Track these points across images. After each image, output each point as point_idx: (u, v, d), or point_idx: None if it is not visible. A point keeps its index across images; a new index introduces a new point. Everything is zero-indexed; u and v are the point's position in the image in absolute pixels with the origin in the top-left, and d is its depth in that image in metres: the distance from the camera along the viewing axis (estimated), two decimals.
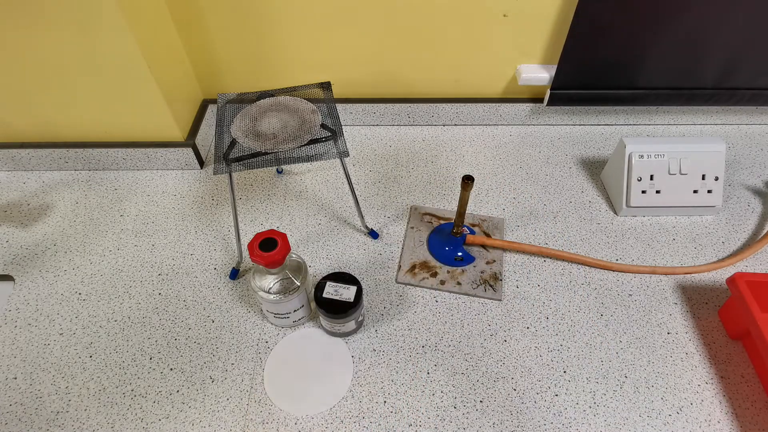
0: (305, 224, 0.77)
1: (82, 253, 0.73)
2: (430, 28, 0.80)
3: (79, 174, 0.85)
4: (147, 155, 0.83)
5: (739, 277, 0.60)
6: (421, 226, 0.76)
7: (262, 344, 0.63)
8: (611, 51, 0.78)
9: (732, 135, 0.92)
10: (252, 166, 0.60)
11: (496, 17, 0.78)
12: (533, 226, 0.77)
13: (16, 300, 0.68)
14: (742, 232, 0.76)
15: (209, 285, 0.69)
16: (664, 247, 0.74)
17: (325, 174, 0.84)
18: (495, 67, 0.86)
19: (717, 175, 0.75)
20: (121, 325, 0.65)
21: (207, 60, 0.84)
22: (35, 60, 0.70)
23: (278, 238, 0.55)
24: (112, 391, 0.59)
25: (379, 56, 0.84)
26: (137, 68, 0.71)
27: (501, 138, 0.92)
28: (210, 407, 0.58)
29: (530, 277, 0.70)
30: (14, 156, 0.83)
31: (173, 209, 0.79)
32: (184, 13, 0.77)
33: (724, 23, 0.74)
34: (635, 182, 0.75)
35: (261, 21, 0.78)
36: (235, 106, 0.65)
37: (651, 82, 0.83)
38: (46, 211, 0.79)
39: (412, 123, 0.94)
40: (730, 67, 0.81)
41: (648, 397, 0.59)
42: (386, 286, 0.69)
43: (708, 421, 0.57)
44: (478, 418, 0.57)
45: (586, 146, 0.90)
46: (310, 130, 0.62)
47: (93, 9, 0.64)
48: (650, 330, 0.65)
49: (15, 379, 0.60)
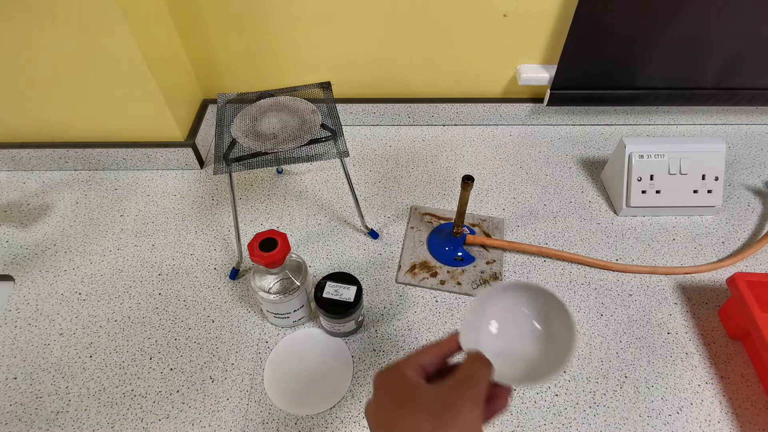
0: (305, 224, 0.77)
1: (82, 253, 0.73)
2: (430, 28, 0.80)
3: (79, 174, 0.85)
4: (147, 155, 0.83)
5: (739, 277, 0.60)
6: (421, 226, 0.76)
7: (262, 344, 0.63)
8: (611, 51, 0.78)
9: (732, 135, 0.92)
10: (252, 166, 0.60)
11: (496, 17, 0.78)
12: (533, 226, 0.77)
13: (16, 300, 0.68)
14: (742, 232, 0.76)
15: (209, 285, 0.69)
16: (664, 247, 0.74)
17: (325, 174, 0.84)
18: (495, 67, 0.86)
19: (717, 175, 0.75)
20: (121, 325, 0.65)
21: (207, 60, 0.84)
22: (35, 60, 0.70)
23: (278, 238, 0.55)
24: (112, 391, 0.59)
25: (379, 56, 0.84)
26: (137, 68, 0.71)
27: (501, 138, 0.92)
28: (210, 407, 0.58)
29: (530, 277, 0.70)
30: (14, 156, 0.83)
31: (173, 209, 0.79)
32: (184, 13, 0.77)
33: (725, 23, 0.74)
34: (635, 182, 0.75)
35: (261, 21, 0.78)
36: (235, 106, 0.65)
37: (651, 82, 0.83)
38: (46, 211, 0.79)
39: (412, 123, 0.94)
40: (730, 67, 0.81)
41: (648, 397, 0.59)
42: (386, 286, 0.69)
43: (708, 421, 0.57)
44: None
45: (586, 146, 0.90)
46: (310, 130, 0.62)
47: (93, 9, 0.64)
48: (650, 330, 0.65)
49: (15, 379, 0.60)
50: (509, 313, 0.40)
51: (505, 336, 0.39)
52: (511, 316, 0.40)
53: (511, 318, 0.40)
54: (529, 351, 0.38)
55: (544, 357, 0.38)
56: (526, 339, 0.39)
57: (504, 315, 0.40)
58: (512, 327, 0.40)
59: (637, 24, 0.74)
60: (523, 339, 0.39)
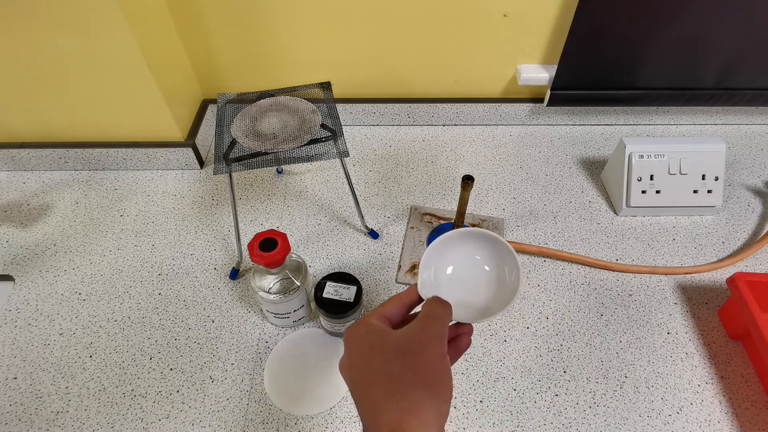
0: (305, 224, 0.77)
1: (82, 253, 0.73)
2: (430, 28, 0.80)
3: (79, 174, 0.85)
4: (147, 155, 0.83)
5: (739, 277, 0.60)
6: (421, 226, 0.76)
7: (262, 344, 0.63)
8: (611, 51, 0.78)
9: (732, 135, 0.92)
10: (252, 166, 0.60)
11: (496, 17, 0.78)
12: (533, 226, 0.77)
13: (16, 300, 0.68)
14: (742, 232, 0.76)
15: (209, 285, 0.69)
16: (664, 247, 0.74)
17: (325, 174, 0.84)
18: (495, 67, 0.86)
19: (717, 175, 0.75)
20: (121, 325, 0.65)
21: (207, 60, 0.84)
22: (35, 60, 0.70)
23: (278, 238, 0.55)
24: (112, 391, 0.59)
25: (379, 56, 0.84)
26: (137, 68, 0.71)
27: (501, 138, 0.92)
28: (210, 407, 0.58)
29: (530, 277, 0.70)
30: (14, 156, 0.83)
31: (173, 209, 0.79)
32: (184, 12, 0.77)
33: (725, 23, 0.74)
34: (635, 182, 0.75)
35: (261, 21, 0.78)
36: (235, 106, 0.65)
37: (651, 82, 0.83)
38: (46, 211, 0.79)
39: (412, 123, 0.94)
40: (730, 67, 0.81)
41: (648, 397, 0.59)
42: (386, 286, 0.69)
43: (708, 421, 0.57)
44: (478, 418, 0.57)
45: (586, 146, 0.90)
46: (310, 130, 0.62)
47: (93, 9, 0.64)
48: (650, 330, 0.65)
49: (15, 379, 0.60)
50: (463, 260, 0.43)
51: (460, 280, 0.42)
52: (464, 263, 0.43)
53: (465, 264, 0.43)
54: (483, 293, 0.41)
55: (495, 297, 0.41)
56: (479, 282, 0.42)
57: (458, 262, 0.43)
58: (466, 272, 0.42)
59: (637, 24, 0.74)
60: (476, 282, 0.42)
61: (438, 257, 0.42)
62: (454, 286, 0.42)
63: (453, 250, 0.42)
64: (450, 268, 0.43)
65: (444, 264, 0.42)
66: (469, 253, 0.42)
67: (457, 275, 0.42)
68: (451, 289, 0.41)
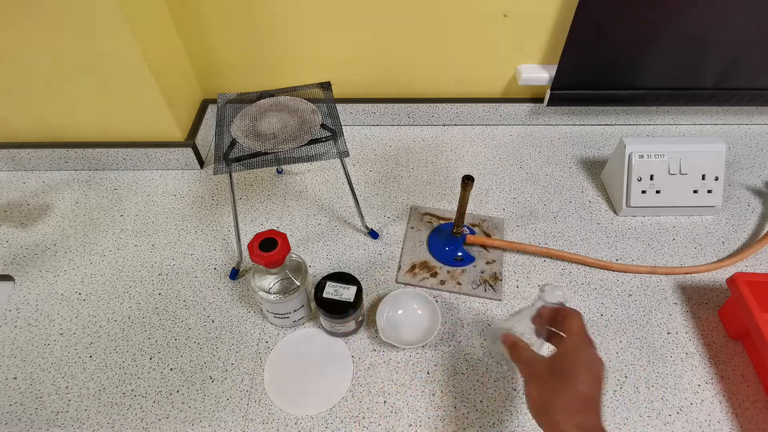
0: (305, 224, 0.77)
1: (82, 253, 0.73)
2: (430, 28, 0.80)
3: (79, 174, 0.85)
4: (147, 155, 0.83)
5: (739, 277, 0.60)
6: (421, 226, 0.76)
7: (262, 344, 0.63)
8: (611, 51, 0.78)
9: (732, 135, 0.92)
10: (252, 166, 0.60)
11: (496, 17, 0.78)
12: (533, 226, 0.77)
13: (16, 300, 0.68)
14: (742, 232, 0.76)
15: (209, 285, 0.69)
16: (664, 247, 0.74)
17: (325, 174, 0.84)
18: (495, 67, 0.86)
19: (717, 175, 0.75)
20: (121, 325, 0.65)
21: (207, 60, 0.84)
22: (36, 60, 0.70)
23: (278, 238, 0.55)
24: (112, 391, 0.59)
25: (379, 56, 0.84)
26: (137, 68, 0.71)
27: (501, 138, 0.92)
28: (210, 407, 0.58)
29: (530, 277, 0.70)
30: (14, 156, 0.83)
31: (173, 209, 0.79)
32: (184, 13, 0.77)
33: (725, 23, 0.74)
34: (635, 182, 0.75)
35: (261, 21, 0.78)
36: (235, 106, 0.65)
37: (651, 82, 0.83)
38: (46, 211, 0.79)
39: (412, 123, 0.94)
40: (730, 67, 0.81)
41: (648, 397, 0.59)
42: (386, 286, 0.69)
43: (708, 421, 0.57)
44: (478, 418, 0.57)
45: (586, 146, 0.90)
46: (310, 130, 0.62)
47: (93, 9, 0.64)
48: (650, 330, 0.65)
49: (15, 379, 0.60)
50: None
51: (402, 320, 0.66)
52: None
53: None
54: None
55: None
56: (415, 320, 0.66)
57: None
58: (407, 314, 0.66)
59: (637, 24, 0.74)
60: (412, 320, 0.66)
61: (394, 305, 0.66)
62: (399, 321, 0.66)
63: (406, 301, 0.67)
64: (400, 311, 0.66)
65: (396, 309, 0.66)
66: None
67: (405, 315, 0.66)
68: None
